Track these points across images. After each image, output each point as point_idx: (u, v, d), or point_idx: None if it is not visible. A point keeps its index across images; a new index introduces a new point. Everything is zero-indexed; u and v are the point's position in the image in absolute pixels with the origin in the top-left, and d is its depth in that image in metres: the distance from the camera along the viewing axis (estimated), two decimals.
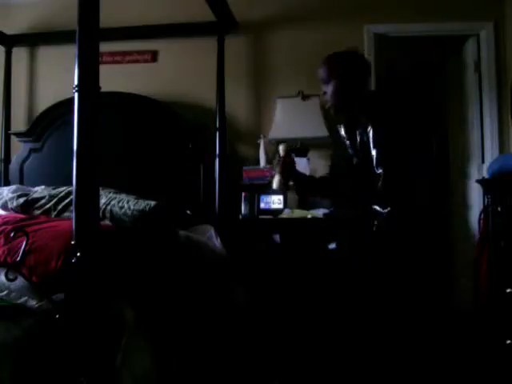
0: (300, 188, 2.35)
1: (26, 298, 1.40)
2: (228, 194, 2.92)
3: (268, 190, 2.92)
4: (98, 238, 1.32)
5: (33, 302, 1.38)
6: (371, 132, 1.85)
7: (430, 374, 2.27)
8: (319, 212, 2.67)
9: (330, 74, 1.96)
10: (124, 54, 3.26)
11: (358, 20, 3.05)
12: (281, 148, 2.22)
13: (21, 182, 3.06)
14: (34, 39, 3.37)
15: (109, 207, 2.10)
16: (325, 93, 2.02)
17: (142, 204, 2.09)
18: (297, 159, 2.85)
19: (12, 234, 1.59)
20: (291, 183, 2.25)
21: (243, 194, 2.91)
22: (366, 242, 2.00)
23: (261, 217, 2.88)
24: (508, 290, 2.28)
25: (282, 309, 2.51)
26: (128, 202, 2.11)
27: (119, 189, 2.32)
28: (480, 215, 2.66)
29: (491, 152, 2.97)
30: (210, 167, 2.91)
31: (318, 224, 2.60)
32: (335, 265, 2.29)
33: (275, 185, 2.14)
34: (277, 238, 2.69)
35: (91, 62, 1.35)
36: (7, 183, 3.08)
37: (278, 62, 3.13)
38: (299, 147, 2.88)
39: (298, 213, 2.75)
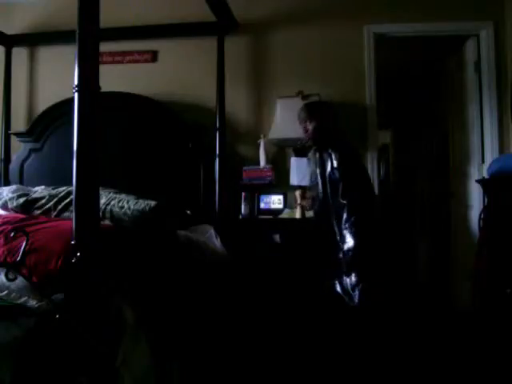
0: None
1: (25, 298, 1.39)
2: (228, 193, 2.92)
3: (268, 190, 2.93)
4: (97, 238, 1.33)
5: (33, 302, 1.37)
6: (335, 162, 2.29)
7: (430, 374, 2.28)
8: None
9: (311, 115, 2.47)
10: (124, 53, 3.25)
11: (358, 20, 3.05)
12: (297, 193, 2.79)
13: (21, 182, 3.05)
14: (34, 39, 3.37)
15: (109, 207, 2.10)
16: (307, 130, 2.47)
17: (142, 204, 2.09)
18: (297, 159, 2.88)
19: (12, 234, 1.59)
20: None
21: (243, 194, 2.92)
22: None
23: (261, 217, 2.89)
24: (508, 291, 2.28)
25: (281, 308, 2.51)
26: (128, 202, 2.11)
27: (119, 189, 2.33)
28: (480, 215, 2.65)
29: (491, 152, 2.97)
30: (210, 167, 2.91)
31: None
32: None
33: (298, 215, 2.75)
34: (277, 237, 2.69)
35: (91, 62, 1.35)
36: (7, 183, 3.08)
37: (278, 62, 3.13)
38: (299, 147, 2.88)
39: (298, 213, 2.75)
